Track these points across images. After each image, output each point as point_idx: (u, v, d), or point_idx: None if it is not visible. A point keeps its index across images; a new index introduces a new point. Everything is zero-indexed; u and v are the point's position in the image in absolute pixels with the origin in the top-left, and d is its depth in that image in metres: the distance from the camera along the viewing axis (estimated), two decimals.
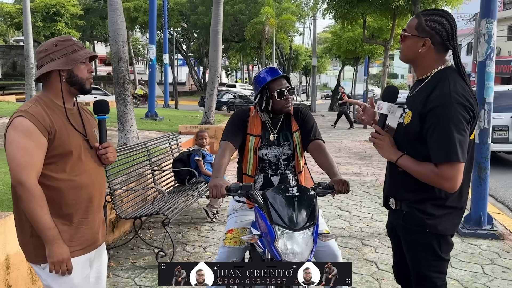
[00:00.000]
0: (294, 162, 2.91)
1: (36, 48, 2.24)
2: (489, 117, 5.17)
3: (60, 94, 2.15)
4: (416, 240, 2.23)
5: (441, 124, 2.01)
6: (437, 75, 2.16)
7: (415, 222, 2.20)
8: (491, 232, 5.20)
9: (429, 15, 2.15)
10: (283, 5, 31.75)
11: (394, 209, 2.33)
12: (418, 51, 2.16)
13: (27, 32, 15.24)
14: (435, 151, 2.04)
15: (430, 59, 2.17)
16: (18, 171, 2.00)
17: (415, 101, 2.17)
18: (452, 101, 2.02)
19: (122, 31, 7.52)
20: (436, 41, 2.13)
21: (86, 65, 2.20)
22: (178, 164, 5.89)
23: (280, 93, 2.78)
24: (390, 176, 2.37)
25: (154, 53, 15.11)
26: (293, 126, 2.91)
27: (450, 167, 2.02)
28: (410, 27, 2.19)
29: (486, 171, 5.25)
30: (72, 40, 2.18)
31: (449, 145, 2.00)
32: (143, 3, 28.42)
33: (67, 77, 2.14)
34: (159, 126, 12.43)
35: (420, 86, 2.21)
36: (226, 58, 47.33)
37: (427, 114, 2.06)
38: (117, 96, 7.53)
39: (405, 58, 2.27)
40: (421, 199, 2.17)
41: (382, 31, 19.75)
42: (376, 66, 52.96)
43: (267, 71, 2.89)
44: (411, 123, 2.14)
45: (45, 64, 2.12)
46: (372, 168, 9.73)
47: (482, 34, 5.14)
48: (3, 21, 35.17)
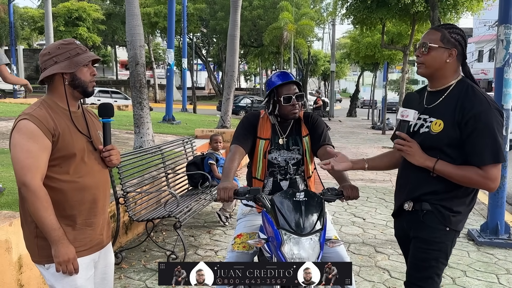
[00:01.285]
0: (303, 167, 2.90)
1: None
2: (507, 124, 5.08)
3: (64, 97, 2.18)
4: (433, 239, 2.28)
5: (486, 129, 2.13)
6: (459, 84, 2.27)
7: (438, 220, 2.27)
8: (508, 242, 5.10)
9: (450, 28, 2.28)
10: (301, 10, 31.69)
11: (410, 211, 2.37)
12: (444, 62, 2.26)
13: (48, 36, 15.55)
14: (482, 154, 2.15)
15: (452, 69, 2.28)
16: (22, 173, 2.03)
17: (444, 110, 2.25)
18: (491, 107, 2.16)
19: (140, 36, 7.61)
20: (459, 51, 2.27)
21: (89, 68, 2.22)
22: (191, 167, 5.92)
23: (287, 98, 2.77)
24: (407, 179, 2.41)
25: (172, 58, 15.22)
26: (303, 131, 2.90)
27: (496, 168, 2.16)
28: (435, 40, 2.26)
29: (504, 179, 5.15)
30: (75, 43, 2.21)
31: (496, 148, 2.14)
32: (163, 8, 28.69)
33: (70, 80, 2.17)
34: (176, 130, 12.51)
35: (442, 96, 2.29)
36: (245, 63, 47.44)
37: (468, 120, 2.15)
38: (134, 100, 7.60)
39: (429, 70, 2.31)
40: (448, 198, 2.26)
41: (401, 37, 19.54)
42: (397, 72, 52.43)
43: (278, 75, 2.88)
44: (445, 132, 2.22)
45: (48, 67, 2.15)
46: (388, 174, 9.62)
47: (500, 40, 5.07)
48: (27, 25, 35.90)
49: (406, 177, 2.42)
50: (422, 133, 2.32)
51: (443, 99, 2.28)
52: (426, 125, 2.30)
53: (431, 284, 2.31)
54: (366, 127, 19.67)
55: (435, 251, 2.29)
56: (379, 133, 19.22)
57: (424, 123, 2.32)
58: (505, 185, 5.20)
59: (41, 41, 49.22)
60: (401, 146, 2.29)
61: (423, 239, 2.32)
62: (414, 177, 2.35)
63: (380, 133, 19.12)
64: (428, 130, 2.28)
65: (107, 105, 2.36)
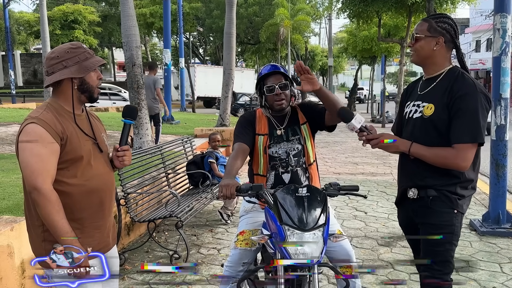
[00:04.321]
0: (304, 158, 2.88)
1: None
2: (505, 113, 5.07)
3: (70, 101, 2.17)
4: (443, 222, 2.36)
5: (468, 109, 2.24)
6: (450, 71, 2.40)
7: (446, 204, 2.35)
8: (510, 231, 5.10)
9: (437, 18, 2.42)
10: (297, 6, 31.61)
11: (416, 199, 2.43)
12: (432, 50, 2.39)
13: (44, 40, 15.52)
14: (460, 133, 2.25)
15: (442, 56, 2.41)
16: (33, 177, 2.01)
17: (435, 94, 2.37)
18: (477, 91, 2.27)
19: (135, 36, 7.59)
20: (447, 39, 2.39)
21: (96, 72, 2.22)
22: (192, 166, 5.92)
23: (269, 88, 2.78)
24: (408, 166, 2.47)
25: (169, 58, 15.22)
26: (300, 119, 2.90)
27: (471, 149, 2.26)
28: (422, 30, 2.41)
29: (504, 168, 5.15)
30: (83, 47, 2.20)
31: (476, 128, 2.24)
32: (159, 9, 28.64)
33: (78, 85, 2.17)
34: (175, 130, 12.51)
35: (435, 82, 2.41)
36: (242, 61, 47.38)
37: (454, 101, 2.27)
38: (132, 101, 7.60)
39: (419, 58, 2.46)
40: (453, 183, 2.35)
41: (398, 29, 19.53)
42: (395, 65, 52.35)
43: (266, 67, 2.91)
44: (436, 114, 2.33)
45: (57, 71, 2.13)
46: (389, 167, 9.62)
47: (497, 29, 5.06)
48: (23, 30, 35.87)
49: (407, 164, 2.48)
50: (415, 118, 2.44)
51: (435, 85, 2.41)
52: (419, 110, 2.43)
53: (448, 266, 2.39)
54: (365, 121, 19.64)
55: (448, 234, 2.36)
56: (379, 126, 19.20)
57: (417, 109, 2.44)
58: (505, 174, 5.19)
59: (38, 45, 49.12)
60: (374, 143, 2.42)
61: (433, 224, 2.38)
62: (414, 164, 2.42)
63: (380, 126, 19.11)
64: (421, 114, 2.41)
65: (132, 108, 2.40)
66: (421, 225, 2.44)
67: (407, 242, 2.73)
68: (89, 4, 34.30)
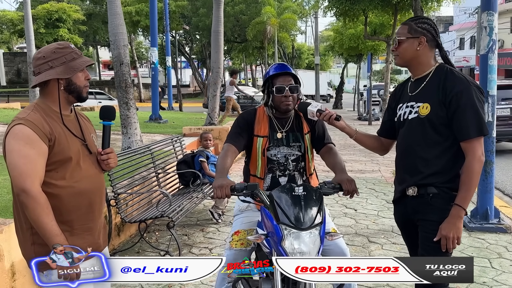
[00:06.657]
0: (303, 164, 2.86)
1: None
2: (493, 110, 5.14)
3: (57, 101, 2.14)
4: (442, 219, 2.34)
5: (467, 105, 2.28)
6: (438, 69, 2.43)
7: (446, 201, 2.36)
8: (498, 226, 5.17)
9: (416, 20, 2.48)
10: (284, 4, 31.62)
11: (414, 196, 2.43)
12: (416, 50, 2.43)
13: (29, 39, 15.27)
14: (466, 129, 2.29)
15: (427, 55, 2.44)
16: (21, 179, 1.98)
17: (428, 93, 2.40)
18: (470, 85, 2.32)
19: (123, 35, 7.52)
20: (429, 38, 2.43)
21: (83, 72, 2.18)
22: (182, 166, 5.89)
23: (279, 89, 2.73)
24: (406, 164, 2.49)
25: (156, 56, 15.09)
26: (305, 128, 2.86)
27: (479, 141, 2.31)
28: (403, 33, 2.45)
29: (492, 165, 5.22)
30: (71, 47, 2.16)
31: (480, 121, 2.29)
32: (144, 7, 28.43)
33: (65, 85, 2.13)
34: (163, 129, 12.43)
35: (424, 82, 2.43)
36: (229, 59, 47.29)
37: (451, 99, 2.30)
38: (120, 100, 7.52)
39: (403, 60, 2.50)
40: (451, 179, 2.38)
41: (384, 27, 19.65)
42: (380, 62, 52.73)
43: (275, 66, 2.86)
44: (433, 112, 2.36)
45: (43, 72, 2.10)
46: (377, 164, 9.69)
47: (483, 27, 5.11)
48: (6, 28, 35.30)
49: (404, 162, 2.51)
50: (411, 119, 2.45)
51: (425, 84, 2.43)
52: (414, 110, 2.44)
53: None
54: (352, 119, 19.77)
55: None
56: (366, 123, 19.30)
57: (412, 110, 2.45)
58: (493, 170, 5.26)
59: (21, 44, 48.43)
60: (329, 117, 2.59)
61: (434, 221, 2.38)
62: (412, 161, 2.45)
63: (367, 124, 19.21)
64: (417, 115, 2.42)
65: (109, 108, 2.33)
66: (420, 222, 2.45)
67: (403, 239, 2.74)
68: (73, 3, 33.87)
